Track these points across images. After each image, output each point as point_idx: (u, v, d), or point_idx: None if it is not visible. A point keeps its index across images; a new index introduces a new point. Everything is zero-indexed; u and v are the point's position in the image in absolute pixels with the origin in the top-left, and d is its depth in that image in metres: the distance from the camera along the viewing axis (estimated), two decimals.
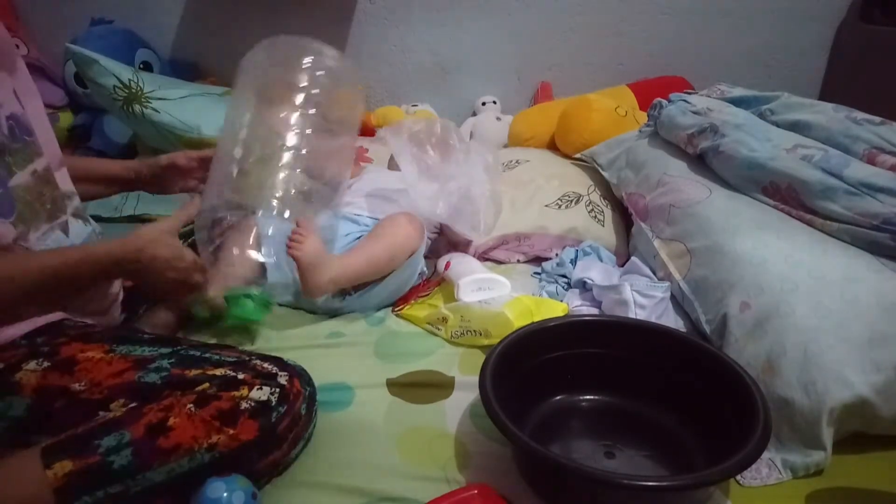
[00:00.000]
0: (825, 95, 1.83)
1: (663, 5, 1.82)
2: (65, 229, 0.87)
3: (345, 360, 0.99)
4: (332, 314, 1.12)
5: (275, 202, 1.03)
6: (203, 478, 0.71)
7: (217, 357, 0.80)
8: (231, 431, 0.72)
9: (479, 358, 0.87)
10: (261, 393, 0.75)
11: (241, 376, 0.76)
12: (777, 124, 1.19)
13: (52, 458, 0.68)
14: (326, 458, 0.82)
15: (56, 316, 0.83)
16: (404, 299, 1.15)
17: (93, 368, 0.76)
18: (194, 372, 0.77)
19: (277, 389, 0.76)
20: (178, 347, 0.82)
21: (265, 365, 0.79)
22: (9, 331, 0.78)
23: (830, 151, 1.04)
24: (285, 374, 0.79)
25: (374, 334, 1.05)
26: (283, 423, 0.76)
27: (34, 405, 0.75)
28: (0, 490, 0.68)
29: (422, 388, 0.94)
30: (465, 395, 0.91)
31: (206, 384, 0.75)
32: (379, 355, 1.01)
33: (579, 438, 0.86)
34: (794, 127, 1.16)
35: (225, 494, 0.69)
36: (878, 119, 1.09)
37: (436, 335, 1.05)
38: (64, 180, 0.90)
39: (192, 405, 0.72)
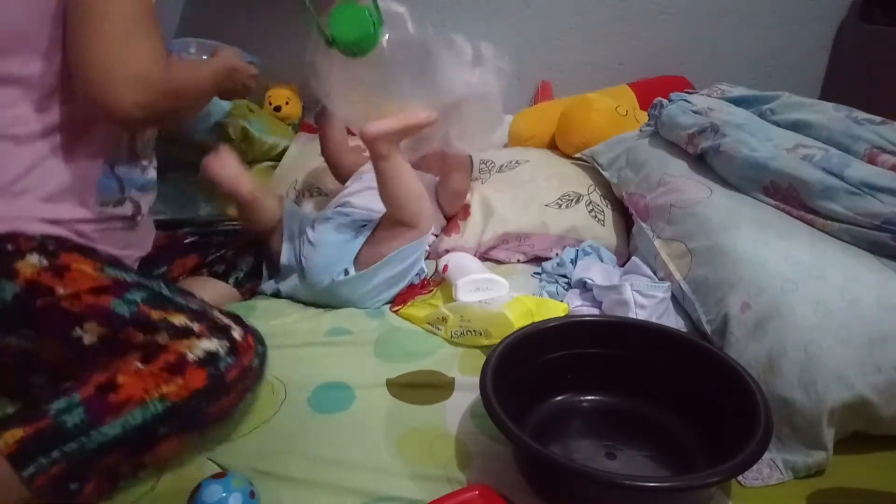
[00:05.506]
0: (825, 95, 1.83)
1: (663, 5, 1.82)
2: None
3: (345, 359, 0.99)
4: (332, 302, 1.12)
5: None
6: (157, 431, 0.73)
7: (182, 302, 0.82)
8: (180, 381, 0.73)
9: (480, 358, 0.87)
10: (210, 344, 0.77)
11: (196, 328, 0.78)
12: (778, 124, 1.19)
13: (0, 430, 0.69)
14: (326, 458, 0.82)
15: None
16: (403, 299, 1.14)
17: (79, 279, 0.79)
18: (157, 314, 0.79)
19: (228, 343, 0.78)
20: (154, 283, 0.84)
21: (223, 319, 0.81)
22: (35, 225, 0.81)
23: (831, 151, 1.04)
24: (240, 329, 0.81)
25: (375, 332, 1.05)
26: (232, 373, 0.77)
27: (20, 294, 0.78)
28: None
29: (422, 388, 0.94)
30: (466, 395, 0.91)
31: (159, 334, 0.77)
32: (379, 355, 1.00)
33: (580, 439, 0.86)
34: (795, 127, 1.16)
35: (224, 494, 0.69)
36: (878, 119, 1.09)
37: (436, 335, 1.05)
38: None
39: (138, 363, 0.74)
